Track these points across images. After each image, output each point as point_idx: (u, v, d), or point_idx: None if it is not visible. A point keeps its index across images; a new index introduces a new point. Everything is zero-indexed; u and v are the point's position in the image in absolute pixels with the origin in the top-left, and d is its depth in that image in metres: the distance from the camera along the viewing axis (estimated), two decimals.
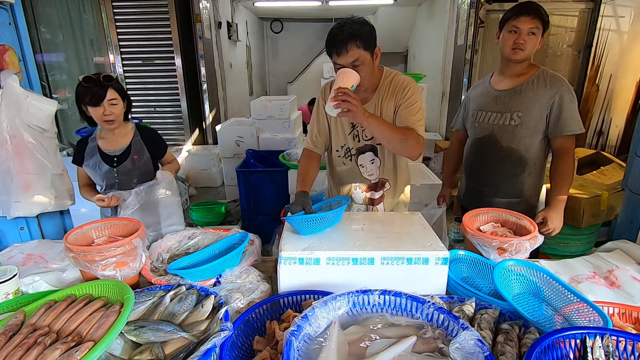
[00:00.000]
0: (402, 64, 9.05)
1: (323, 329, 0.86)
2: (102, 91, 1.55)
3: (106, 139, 1.73)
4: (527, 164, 1.64)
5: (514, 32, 1.53)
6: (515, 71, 1.62)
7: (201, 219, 3.05)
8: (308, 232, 1.16)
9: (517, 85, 1.60)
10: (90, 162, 1.71)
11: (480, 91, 1.76)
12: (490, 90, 1.69)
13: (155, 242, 1.34)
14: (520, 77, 1.61)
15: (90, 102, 1.56)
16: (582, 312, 0.96)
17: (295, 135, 3.64)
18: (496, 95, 1.66)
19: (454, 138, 1.99)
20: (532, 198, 1.70)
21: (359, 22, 1.29)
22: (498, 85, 1.68)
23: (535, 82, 1.57)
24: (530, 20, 1.49)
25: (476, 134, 1.75)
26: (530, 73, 1.60)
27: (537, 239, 1.22)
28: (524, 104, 1.58)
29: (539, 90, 1.55)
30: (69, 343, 0.78)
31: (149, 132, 1.83)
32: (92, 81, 1.56)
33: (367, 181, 1.56)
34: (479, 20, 5.17)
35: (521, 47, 1.52)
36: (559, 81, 1.54)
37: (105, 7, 4.58)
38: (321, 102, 1.53)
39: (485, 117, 1.69)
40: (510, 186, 1.69)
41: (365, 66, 1.31)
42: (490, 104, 1.68)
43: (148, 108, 5.15)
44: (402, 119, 1.39)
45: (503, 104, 1.63)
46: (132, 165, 1.73)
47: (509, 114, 1.61)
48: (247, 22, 7.98)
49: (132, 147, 1.74)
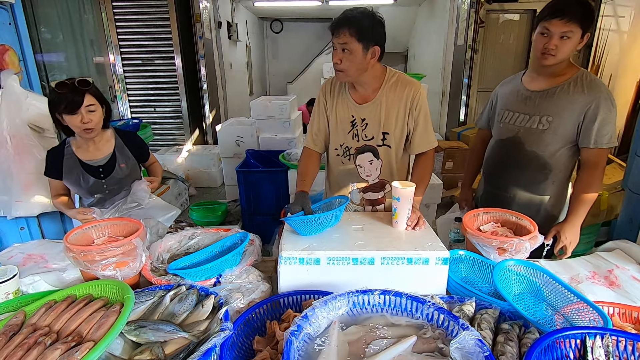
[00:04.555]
0: (402, 64, 9.06)
1: (323, 329, 0.86)
2: (79, 97, 1.42)
3: (85, 149, 1.59)
4: (552, 171, 1.51)
5: (545, 35, 1.38)
6: (550, 71, 1.46)
7: (201, 219, 3.05)
8: (307, 232, 1.16)
9: (550, 87, 1.46)
10: (72, 176, 1.58)
11: (509, 89, 1.62)
12: (520, 90, 1.55)
13: (155, 242, 1.34)
14: (555, 79, 1.46)
15: (65, 110, 1.42)
16: (582, 312, 0.96)
17: (295, 135, 3.64)
18: (527, 96, 1.52)
19: (478, 137, 1.83)
20: (553, 208, 1.57)
21: (364, 13, 1.29)
22: (530, 84, 1.53)
23: (571, 86, 1.41)
24: (564, 23, 1.32)
25: (500, 134, 1.62)
26: (567, 75, 1.44)
27: (537, 239, 1.22)
28: (555, 109, 1.44)
29: (574, 95, 1.40)
30: (69, 343, 0.78)
31: (130, 136, 1.72)
32: (67, 87, 1.42)
33: (364, 182, 1.56)
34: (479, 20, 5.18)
35: (551, 53, 1.37)
36: (597, 87, 1.38)
37: (105, 7, 4.58)
38: (321, 99, 1.53)
39: (512, 118, 1.56)
40: (531, 193, 1.56)
41: (352, 56, 1.30)
42: (519, 104, 1.54)
43: (148, 108, 5.15)
44: (422, 140, 1.46)
45: (533, 105, 1.49)
46: (122, 174, 1.63)
47: (538, 117, 1.48)
48: (247, 22, 7.98)
49: (117, 154, 1.63)
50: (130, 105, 5.08)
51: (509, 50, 5.41)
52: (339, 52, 1.32)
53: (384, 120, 1.44)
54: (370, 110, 1.44)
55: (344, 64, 1.32)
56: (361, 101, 1.45)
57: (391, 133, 1.45)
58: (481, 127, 1.79)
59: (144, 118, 4.95)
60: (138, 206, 1.51)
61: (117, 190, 1.64)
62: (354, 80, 1.41)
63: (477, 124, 1.83)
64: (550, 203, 1.56)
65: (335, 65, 1.34)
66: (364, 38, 1.28)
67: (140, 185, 1.56)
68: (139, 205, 1.52)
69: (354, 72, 1.35)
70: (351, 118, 1.47)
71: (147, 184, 1.58)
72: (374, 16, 1.31)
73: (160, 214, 1.59)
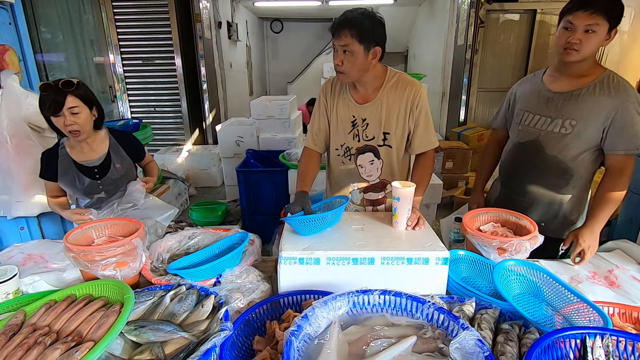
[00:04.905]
0: (402, 64, 9.06)
1: (323, 329, 0.86)
2: (60, 98, 1.39)
3: (79, 150, 1.58)
4: (573, 176, 1.43)
5: (568, 29, 1.29)
6: (574, 71, 1.37)
7: (201, 219, 3.05)
8: (307, 232, 1.16)
9: (575, 88, 1.36)
10: (67, 177, 1.56)
11: (529, 89, 1.51)
12: (541, 90, 1.46)
13: (155, 242, 1.34)
14: (580, 79, 1.36)
15: (49, 111, 1.41)
16: (582, 312, 0.96)
17: (295, 135, 3.64)
18: (548, 97, 1.42)
19: (492, 138, 1.74)
20: (572, 213, 1.49)
21: (365, 14, 1.29)
22: (552, 85, 1.43)
23: (597, 88, 1.32)
24: (588, 16, 1.23)
25: (519, 137, 1.53)
26: (592, 75, 1.34)
27: (537, 239, 1.22)
28: (579, 112, 1.34)
29: (600, 98, 1.31)
30: (69, 343, 0.78)
31: (125, 136, 1.70)
32: (50, 88, 1.40)
33: (365, 182, 1.56)
34: (479, 20, 5.17)
35: (574, 48, 1.28)
36: (625, 90, 1.30)
37: (105, 7, 4.58)
38: (322, 99, 1.53)
39: (532, 121, 1.47)
40: (550, 199, 1.49)
41: (353, 57, 1.30)
42: (540, 106, 1.45)
43: (148, 108, 5.15)
44: (422, 140, 1.46)
45: (555, 108, 1.40)
46: (117, 174, 1.62)
47: (560, 121, 1.38)
48: (247, 22, 7.98)
49: (112, 155, 1.62)
50: (130, 105, 5.08)
51: (509, 50, 5.41)
52: (340, 54, 1.31)
53: (385, 120, 1.44)
54: (371, 110, 1.44)
55: (345, 66, 1.32)
56: (362, 101, 1.45)
57: (392, 133, 1.45)
58: (497, 127, 1.70)
59: (144, 118, 4.95)
60: (133, 207, 1.50)
61: (114, 190, 1.63)
62: (355, 81, 1.41)
63: (492, 123, 1.74)
64: (569, 208, 1.48)
65: (337, 66, 1.34)
66: (365, 39, 1.28)
67: (135, 186, 1.55)
68: (134, 205, 1.51)
69: (356, 73, 1.35)
70: (352, 118, 1.47)
71: (141, 184, 1.57)
72: (375, 17, 1.31)
73: (158, 214, 1.59)
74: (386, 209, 1.58)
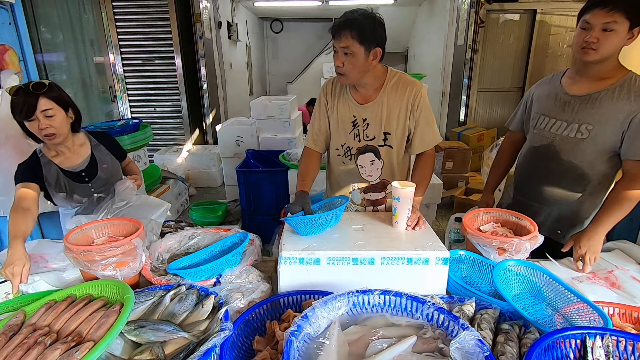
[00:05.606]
0: (402, 64, 9.07)
1: (323, 329, 0.86)
2: (33, 100, 1.32)
3: (61, 156, 1.52)
4: (590, 182, 1.37)
5: (586, 29, 1.24)
6: (594, 73, 1.30)
7: (201, 219, 3.05)
8: (307, 232, 1.16)
9: (593, 91, 1.30)
10: (57, 185, 1.50)
11: (547, 91, 1.46)
12: (559, 93, 1.40)
13: (155, 242, 1.34)
14: (600, 82, 1.30)
15: (21, 115, 1.34)
16: (582, 312, 0.96)
17: (295, 135, 3.65)
18: (566, 101, 1.37)
19: (508, 140, 1.69)
20: (587, 219, 1.43)
21: (365, 15, 1.29)
22: (571, 88, 1.38)
23: (617, 91, 1.26)
24: (606, 13, 1.18)
25: (533, 141, 1.49)
26: (614, 78, 1.28)
27: (537, 239, 1.22)
28: (597, 116, 1.29)
29: (619, 102, 1.25)
30: (69, 343, 0.78)
31: (104, 136, 1.66)
32: (21, 91, 1.33)
33: (365, 182, 1.56)
34: (479, 20, 5.17)
35: (592, 47, 1.22)
36: None
37: (105, 7, 4.58)
38: (322, 99, 1.53)
39: (548, 125, 1.42)
40: (564, 205, 1.44)
41: (354, 59, 1.30)
42: (556, 109, 1.40)
43: (148, 108, 5.15)
44: (422, 140, 1.46)
45: (572, 112, 1.35)
46: (107, 174, 1.59)
47: (577, 125, 1.33)
48: (247, 22, 7.98)
49: (96, 156, 1.59)
50: (130, 105, 5.08)
51: (509, 50, 5.42)
52: (340, 55, 1.31)
53: (386, 121, 1.44)
54: (371, 110, 1.44)
55: (346, 67, 1.32)
56: (362, 101, 1.45)
57: (393, 133, 1.45)
58: (513, 129, 1.64)
59: (144, 118, 4.95)
60: (128, 204, 1.49)
61: (105, 192, 1.60)
62: (356, 82, 1.41)
63: (508, 125, 1.67)
64: (584, 215, 1.43)
65: (337, 68, 1.34)
66: (366, 40, 1.28)
67: (125, 184, 1.54)
68: (128, 203, 1.50)
69: (356, 74, 1.35)
70: (352, 118, 1.47)
71: (131, 181, 1.56)
72: (375, 18, 1.31)
73: (152, 212, 1.57)
74: (386, 209, 1.58)
